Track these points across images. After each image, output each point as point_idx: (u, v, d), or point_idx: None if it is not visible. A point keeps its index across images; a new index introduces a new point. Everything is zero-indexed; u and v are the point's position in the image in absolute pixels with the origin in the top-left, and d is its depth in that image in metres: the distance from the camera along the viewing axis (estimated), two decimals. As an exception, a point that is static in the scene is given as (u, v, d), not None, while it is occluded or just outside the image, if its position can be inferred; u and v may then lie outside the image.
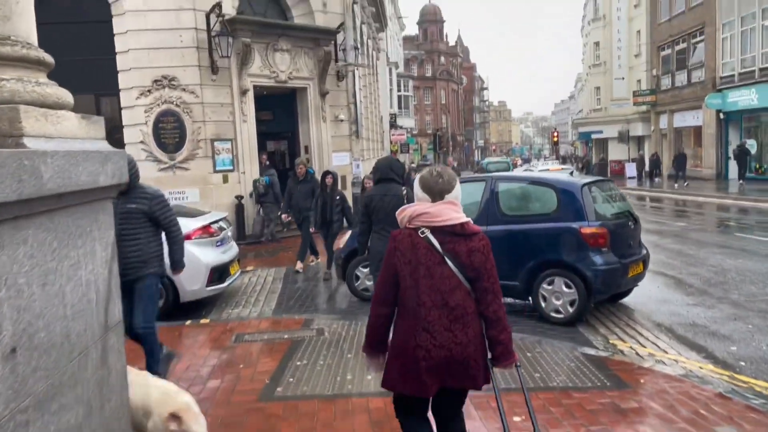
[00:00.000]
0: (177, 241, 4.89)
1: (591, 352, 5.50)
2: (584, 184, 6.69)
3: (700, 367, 5.31)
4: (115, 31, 13.36)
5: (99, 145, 2.63)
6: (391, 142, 34.98)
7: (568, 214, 6.48)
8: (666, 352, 5.71)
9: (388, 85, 35.12)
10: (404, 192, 5.28)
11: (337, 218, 9.49)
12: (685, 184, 26.25)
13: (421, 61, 70.31)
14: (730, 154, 26.98)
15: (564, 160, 57.67)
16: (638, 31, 39.27)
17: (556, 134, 51.94)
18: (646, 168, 33.01)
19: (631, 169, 35.17)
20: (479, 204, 6.97)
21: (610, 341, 6.04)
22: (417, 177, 2.95)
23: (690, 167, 32.52)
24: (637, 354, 5.67)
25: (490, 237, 2.97)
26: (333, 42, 15.65)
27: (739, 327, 6.29)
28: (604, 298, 6.74)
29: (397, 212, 2.95)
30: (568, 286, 6.46)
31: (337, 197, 9.55)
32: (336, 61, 15.86)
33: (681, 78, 32.25)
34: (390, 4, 39.25)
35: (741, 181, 23.53)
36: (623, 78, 41.18)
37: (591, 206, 6.52)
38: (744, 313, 6.74)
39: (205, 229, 7.71)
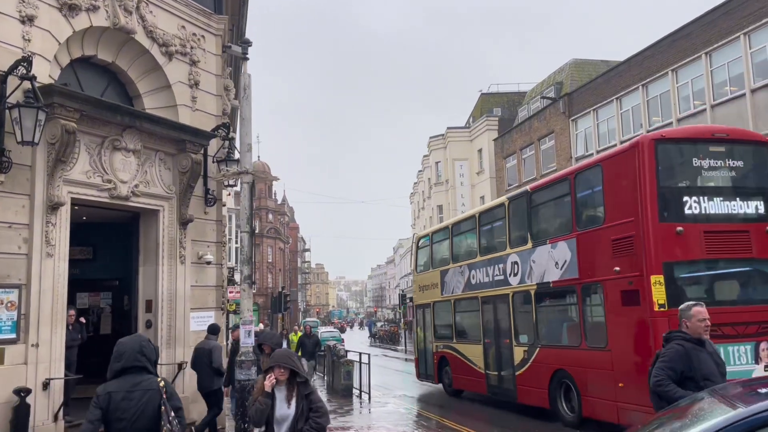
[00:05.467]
0: None
1: None
2: None
3: None
4: None
5: None
6: (227, 300, 29.10)
7: None
8: None
9: (227, 235, 29.99)
10: None
11: None
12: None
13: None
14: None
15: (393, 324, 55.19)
16: (482, 197, 39.57)
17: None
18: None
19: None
20: None
21: None
22: None
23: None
24: None
25: None
26: (204, 150, 10.81)
27: None
28: None
29: None
30: None
31: None
32: (205, 177, 10.90)
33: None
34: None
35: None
36: (468, 241, 40.66)
37: None
38: None
39: None
